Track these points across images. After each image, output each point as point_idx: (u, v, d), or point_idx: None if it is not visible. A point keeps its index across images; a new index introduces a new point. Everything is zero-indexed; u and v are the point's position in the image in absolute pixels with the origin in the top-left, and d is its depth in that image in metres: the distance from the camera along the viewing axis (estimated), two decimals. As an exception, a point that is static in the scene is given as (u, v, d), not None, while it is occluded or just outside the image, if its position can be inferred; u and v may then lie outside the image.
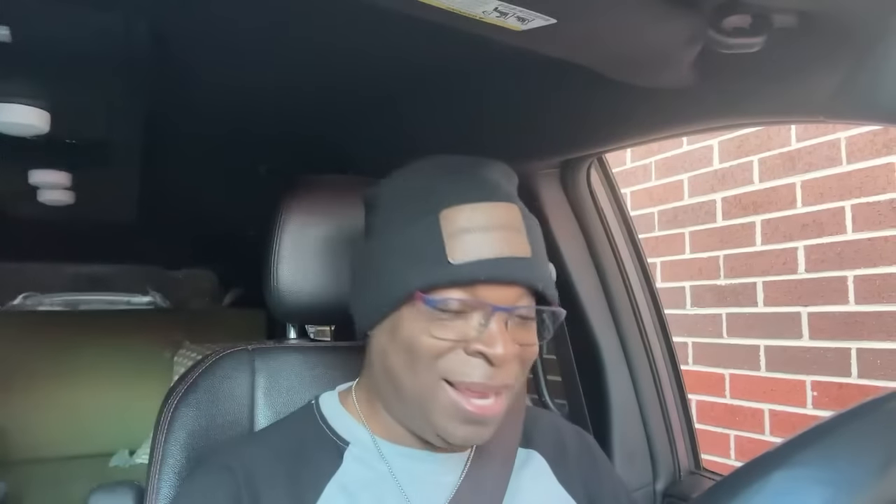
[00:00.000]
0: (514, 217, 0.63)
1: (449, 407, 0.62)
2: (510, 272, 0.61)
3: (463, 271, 0.60)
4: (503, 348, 0.60)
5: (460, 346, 0.61)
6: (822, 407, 1.66)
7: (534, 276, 0.63)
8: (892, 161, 1.53)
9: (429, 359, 0.62)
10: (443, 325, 0.61)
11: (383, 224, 0.67)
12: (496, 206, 0.63)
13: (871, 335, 1.55)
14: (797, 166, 1.75)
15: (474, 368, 0.61)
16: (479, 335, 0.61)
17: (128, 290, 3.65)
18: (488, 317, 0.61)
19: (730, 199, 1.94)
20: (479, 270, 0.60)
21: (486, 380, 0.61)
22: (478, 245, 0.60)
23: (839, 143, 1.64)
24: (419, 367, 0.62)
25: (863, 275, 1.57)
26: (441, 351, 0.61)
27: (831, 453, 0.35)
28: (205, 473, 0.69)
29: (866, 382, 1.55)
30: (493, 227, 0.61)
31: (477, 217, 0.61)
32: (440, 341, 0.61)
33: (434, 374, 0.62)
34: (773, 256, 1.79)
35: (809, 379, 1.69)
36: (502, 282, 0.61)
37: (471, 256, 0.60)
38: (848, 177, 1.62)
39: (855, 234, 1.59)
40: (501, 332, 0.61)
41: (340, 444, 0.70)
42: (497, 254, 0.60)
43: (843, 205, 1.62)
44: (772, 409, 1.79)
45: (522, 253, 0.62)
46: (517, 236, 0.62)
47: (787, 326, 1.74)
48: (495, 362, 0.60)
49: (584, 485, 0.77)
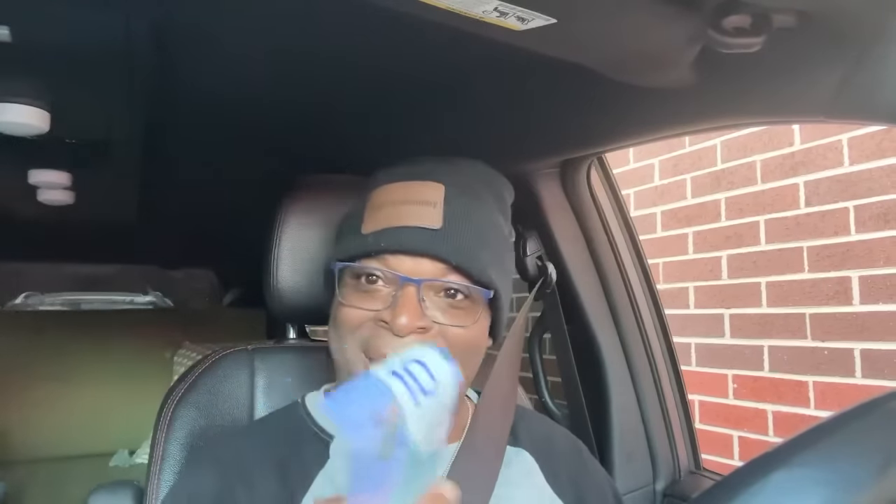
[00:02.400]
0: (434, 193, 0.64)
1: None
2: (414, 242, 0.62)
3: (369, 240, 0.63)
4: (406, 319, 0.60)
5: (373, 320, 0.63)
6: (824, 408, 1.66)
7: (442, 248, 0.63)
8: (893, 162, 1.53)
9: (347, 330, 0.64)
10: (360, 296, 0.64)
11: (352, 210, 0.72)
12: (419, 183, 0.65)
13: (876, 336, 1.55)
14: (798, 169, 1.75)
15: (382, 339, 0.62)
16: (389, 307, 0.62)
17: (128, 290, 3.65)
18: (398, 288, 0.62)
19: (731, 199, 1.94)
20: (383, 239, 0.62)
21: (394, 352, 0.58)
22: (387, 216, 0.63)
23: (840, 144, 1.64)
24: (343, 340, 0.65)
25: (867, 275, 1.57)
26: (357, 321, 0.63)
27: (831, 453, 0.35)
28: (197, 466, 0.70)
29: (870, 383, 1.55)
30: (408, 201, 0.63)
31: (396, 192, 0.64)
32: (355, 310, 0.63)
33: (354, 346, 0.64)
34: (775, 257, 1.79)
35: (812, 380, 1.69)
36: (407, 251, 0.63)
37: (379, 227, 0.63)
38: (849, 178, 1.62)
39: (859, 234, 1.59)
40: (409, 303, 0.61)
41: (326, 437, 0.70)
42: (403, 223, 0.62)
43: (847, 205, 1.62)
44: (775, 409, 1.79)
45: (430, 224, 0.63)
46: (429, 209, 0.63)
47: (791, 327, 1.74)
48: (397, 331, 0.61)
49: (573, 484, 0.77)
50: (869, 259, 1.56)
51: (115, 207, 1.82)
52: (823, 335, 1.66)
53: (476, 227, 0.66)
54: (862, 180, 1.59)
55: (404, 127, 1.20)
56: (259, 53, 0.91)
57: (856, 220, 1.60)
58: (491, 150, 1.17)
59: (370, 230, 0.63)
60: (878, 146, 1.56)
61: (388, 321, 0.61)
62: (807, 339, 1.70)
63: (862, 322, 1.57)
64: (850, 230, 1.61)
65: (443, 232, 0.63)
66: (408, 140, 1.23)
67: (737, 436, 1.90)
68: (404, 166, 0.70)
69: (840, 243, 1.63)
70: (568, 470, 0.78)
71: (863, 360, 1.57)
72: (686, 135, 1.64)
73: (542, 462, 0.77)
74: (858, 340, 1.58)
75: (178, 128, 1.27)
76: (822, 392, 1.66)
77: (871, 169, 1.57)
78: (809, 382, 1.69)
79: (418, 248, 0.63)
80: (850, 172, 1.62)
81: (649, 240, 2.21)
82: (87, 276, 3.45)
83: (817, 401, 1.67)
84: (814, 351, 1.68)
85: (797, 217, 1.74)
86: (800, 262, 1.72)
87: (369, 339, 0.63)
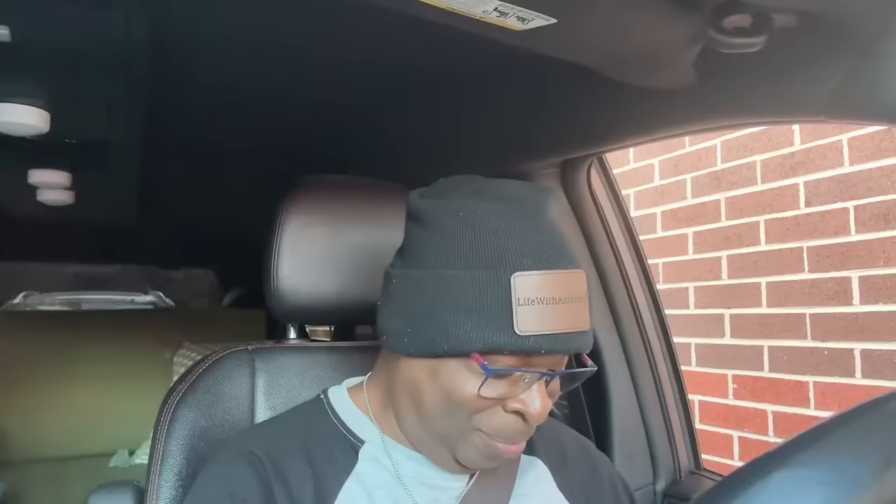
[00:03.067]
0: (580, 286, 0.63)
1: (479, 448, 0.64)
2: (570, 345, 0.61)
3: (528, 343, 0.59)
4: (541, 408, 0.62)
5: (500, 404, 0.63)
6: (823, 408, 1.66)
7: (588, 345, 0.64)
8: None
9: (468, 412, 0.62)
10: (490, 385, 0.61)
11: (438, 255, 0.63)
12: (568, 275, 0.62)
13: (875, 336, 1.55)
14: (798, 169, 1.75)
15: (511, 425, 0.63)
16: (520, 395, 0.62)
17: (128, 290, 3.65)
18: (534, 381, 0.62)
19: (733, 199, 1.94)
20: (543, 343, 0.59)
21: (520, 435, 0.63)
22: (545, 318, 0.59)
23: (840, 144, 1.64)
24: (456, 416, 0.63)
25: (867, 275, 1.57)
26: (482, 408, 0.62)
27: (831, 453, 0.34)
28: (227, 460, 0.68)
29: (870, 383, 1.55)
30: (562, 299, 0.61)
31: (548, 287, 0.60)
32: (484, 400, 0.62)
33: (469, 424, 0.63)
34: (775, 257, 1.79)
35: (812, 380, 1.69)
36: (562, 354, 0.62)
37: (536, 329, 0.59)
38: (849, 178, 1.62)
39: (859, 234, 1.59)
40: (542, 392, 0.62)
41: (355, 441, 0.70)
42: (561, 328, 0.60)
43: (847, 205, 1.62)
44: (775, 409, 1.79)
45: (583, 326, 0.62)
46: (581, 309, 0.62)
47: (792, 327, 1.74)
48: (531, 420, 0.62)
49: (584, 490, 0.77)
50: (869, 259, 1.56)
51: (115, 207, 1.82)
52: (823, 335, 1.66)
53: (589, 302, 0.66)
54: (862, 180, 1.59)
55: (404, 127, 1.20)
56: (259, 53, 0.91)
57: (856, 221, 1.60)
58: (491, 150, 1.18)
59: (527, 331, 0.59)
60: (877, 146, 1.56)
61: (521, 410, 0.62)
62: (807, 339, 1.70)
63: (862, 322, 1.57)
64: (849, 230, 1.61)
65: (590, 332, 0.64)
66: (408, 140, 1.23)
67: (737, 436, 1.90)
68: (533, 234, 0.62)
69: (840, 243, 1.63)
70: (578, 473, 0.79)
71: (862, 360, 1.57)
72: (686, 135, 1.64)
73: (554, 469, 0.77)
74: (858, 340, 1.58)
75: (178, 128, 1.27)
76: (822, 392, 1.66)
77: (870, 169, 1.57)
78: (809, 382, 1.69)
79: (575, 351, 0.63)
80: (850, 172, 1.62)
81: (649, 240, 2.21)
82: (87, 276, 3.46)
83: (817, 401, 1.67)
84: (814, 351, 1.68)
85: (797, 217, 1.74)
86: (800, 263, 1.72)
87: (493, 423, 0.63)
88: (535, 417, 0.62)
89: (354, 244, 0.87)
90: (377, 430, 0.71)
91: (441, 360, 0.62)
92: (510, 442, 0.64)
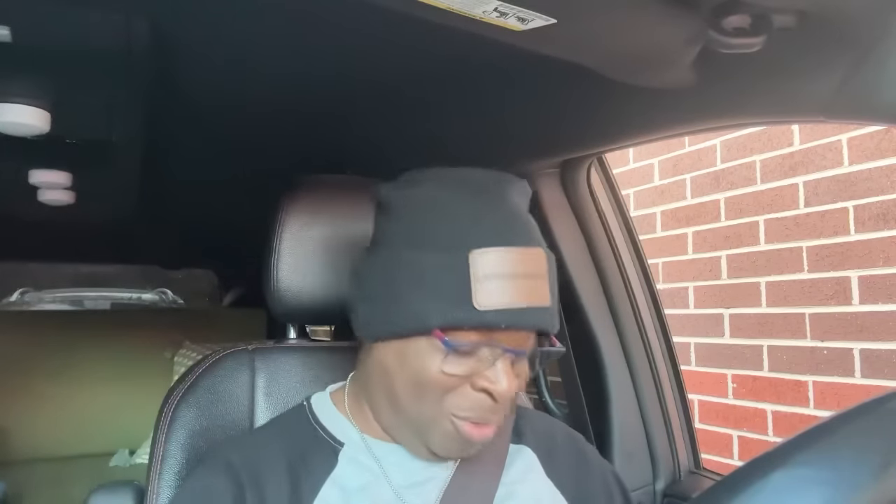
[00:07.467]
0: (541, 264, 0.64)
1: (450, 433, 0.65)
2: (530, 321, 0.63)
3: (486, 317, 0.60)
4: (508, 386, 0.62)
5: (467, 382, 0.63)
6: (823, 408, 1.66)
7: (551, 322, 0.65)
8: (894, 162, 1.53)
9: (437, 394, 0.63)
10: (453, 362, 0.62)
11: (401, 239, 0.65)
12: (525, 252, 0.63)
13: (875, 336, 1.55)
14: (797, 169, 1.75)
15: (479, 403, 0.63)
16: (485, 372, 0.63)
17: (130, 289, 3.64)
18: (497, 357, 0.63)
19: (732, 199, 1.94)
20: (502, 318, 0.61)
21: (490, 413, 0.64)
22: (504, 292, 0.60)
23: (840, 144, 1.64)
24: (426, 399, 0.64)
25: (866, 275, 1.57)
26: (450, 386, 0.63)
27: (831, 453, 0.35)
28: (206, 469, 0.69)
29: (869, 382, 1.55)
30: (520, 274, 0.62)
31: (506, 263, 0.61)
32: (450, 377, 0.63)
33: (440, 407, 0.64)
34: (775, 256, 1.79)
35: (811, 379, 1.69)
36: (521, 329, 0.63)
37: (495, 304, 0.60)
38: (848, 178, 1.62)
39: (858, 234, 1.59)
40: (507, 370, 0.63)
41: (335, 444, 0.71)
42: (521, 303, 0.61)
43: (847, 205, 1.62)
44: (775, 409, 1.79)
45: (543, 302, 0.63)
46: (541, 285, 0.63)
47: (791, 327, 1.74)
48: (499, 399, 0.63)
49: (574, 480, 0.78)
50: (868, 259, 1.56)
51: (115, 207, 1.82)
52: (823, 335, 1.66)
53: (556, 283, 0.67)
54: (861, 180, 1.59)
55: (404, 127, 1.20)
56: (259, 53, 0.91)
57: (855, 220, 1.60)
58: (491, 150, 1.18)
59: (486, 306, 0.60)
60: (877, 146, 1.56)
61: (488, 388, 0.62)
62: (806, 338, 1.70)
63: (861, 322, 1.57)
64: (849, 230, 1.61)
65: (552, 308, 0.65)
66: (408, 140, 1.23)
67: (736, 435, 1.90)
68: (493, 214, 0.64)
69: (839, 243, 1.63)
70: (568, 462, 0.79)
71: (862, 359, 1.57)
72: (686, 135, 1.64)
73: (543, 457, 0.78)
74: (858, 340, 1.58)
75: (179, 127, 1.27)
76: (822, 392, 1.66)
77: (870, 169, 1.57)
78: (809, 382, 1.69)
79: (535, 328, 0.64)
80: (850, 172, 1.62)
81: (649, 240, 2.21)
82: (87, 276, 3.45)
83: (817, 401, 1.67)
84: (813, 351, 1.68)
85: (796, 217, 1.74)
86: (799, 262, 1.72)
87: (463, 404, 0.63)
88: (502, 395, 0.62)
89: (354, 244, 0.87)
90: (356, 429, 0.71)
91: (407, 341, 0.63)
92: (481, 422, 0.64)
